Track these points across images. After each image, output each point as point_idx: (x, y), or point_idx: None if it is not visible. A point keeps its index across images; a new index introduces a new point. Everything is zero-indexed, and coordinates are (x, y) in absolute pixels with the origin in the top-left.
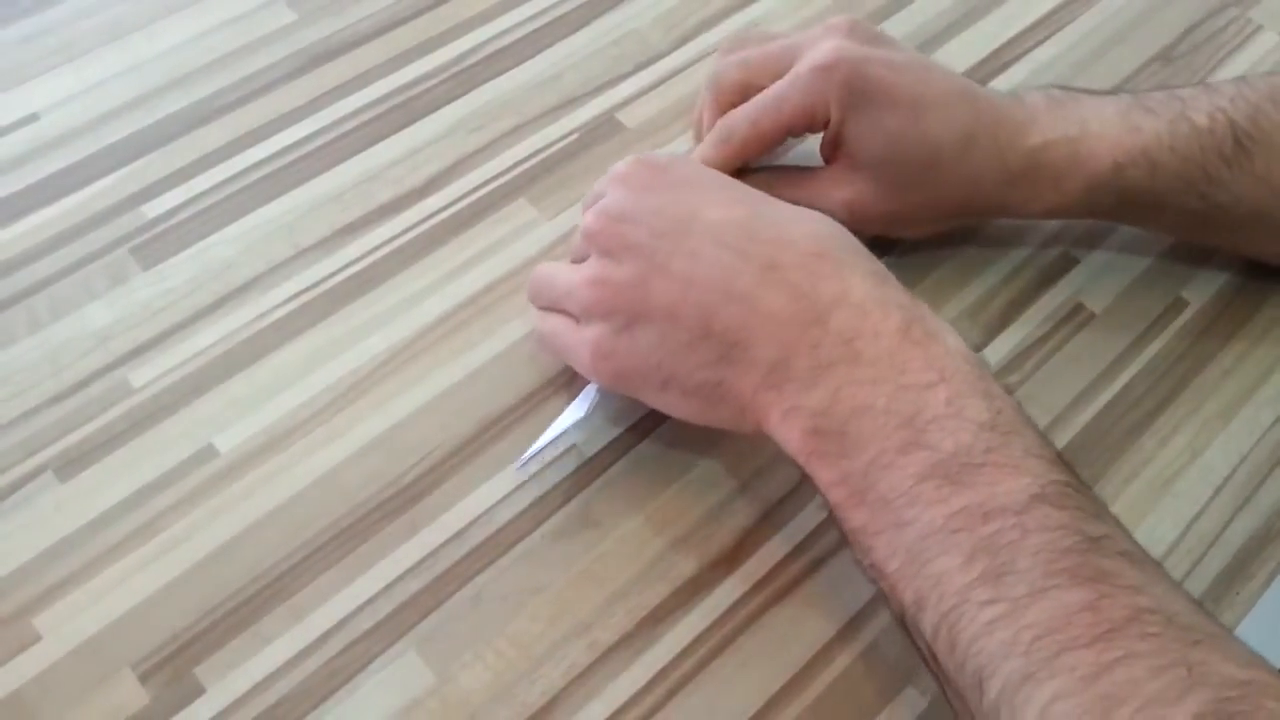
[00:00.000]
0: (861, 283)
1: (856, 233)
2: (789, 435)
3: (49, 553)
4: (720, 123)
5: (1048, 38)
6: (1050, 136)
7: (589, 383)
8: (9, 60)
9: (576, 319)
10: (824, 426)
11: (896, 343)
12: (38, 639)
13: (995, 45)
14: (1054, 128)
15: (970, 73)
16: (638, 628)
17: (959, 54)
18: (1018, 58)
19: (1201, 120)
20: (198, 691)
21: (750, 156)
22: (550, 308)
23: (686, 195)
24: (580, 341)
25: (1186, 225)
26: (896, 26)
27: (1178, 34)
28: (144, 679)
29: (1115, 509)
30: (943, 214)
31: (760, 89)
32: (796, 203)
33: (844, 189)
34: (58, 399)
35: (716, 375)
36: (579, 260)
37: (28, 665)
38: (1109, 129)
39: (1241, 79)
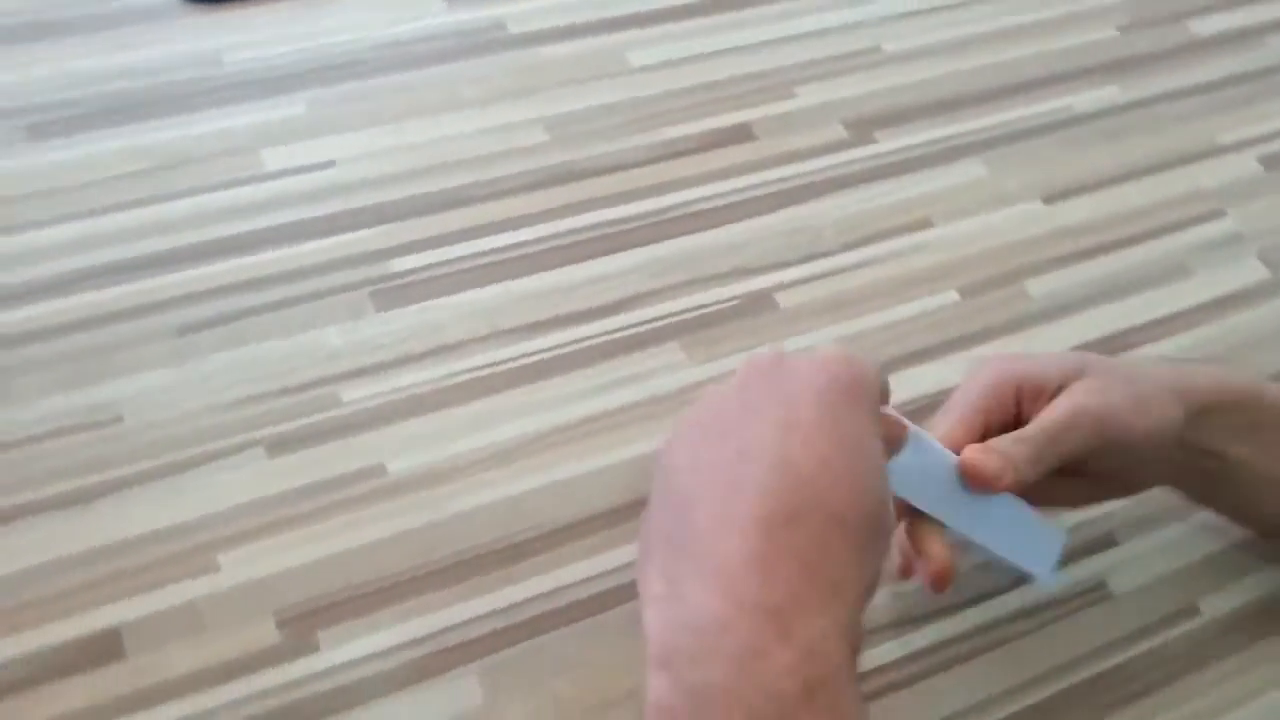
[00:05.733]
0: (833, 625)
1: None
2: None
3: (241, 508)
4: (1003, 449)
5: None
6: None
7: None
8: (323, 114)
9: None
10: (683, 645)
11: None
12: (217, 569)
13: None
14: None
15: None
16: None
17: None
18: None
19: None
20: (314, 648)
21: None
22: None
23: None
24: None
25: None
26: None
27: None
28: (280, 625)
29: None
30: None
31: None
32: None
33: (1075, 497)
34: (284, 392)
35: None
36: None
37: (202, 587)
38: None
39: None
